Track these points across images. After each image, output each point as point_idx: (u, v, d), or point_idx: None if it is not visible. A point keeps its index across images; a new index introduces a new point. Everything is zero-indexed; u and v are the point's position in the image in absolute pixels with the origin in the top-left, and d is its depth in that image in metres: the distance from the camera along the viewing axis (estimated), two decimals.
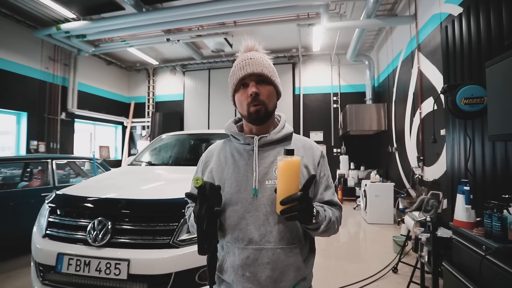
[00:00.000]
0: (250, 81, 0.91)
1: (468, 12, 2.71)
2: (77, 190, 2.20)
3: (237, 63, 0.93)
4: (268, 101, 0.92)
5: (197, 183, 0.76)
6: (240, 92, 0.93)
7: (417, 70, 4.54)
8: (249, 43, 0.98)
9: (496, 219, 1.43)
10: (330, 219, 0.87)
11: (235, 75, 0.92)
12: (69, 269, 1.69)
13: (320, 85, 8.51)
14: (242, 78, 0.91)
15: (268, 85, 0.93)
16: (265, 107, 0.91)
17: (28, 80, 6.61)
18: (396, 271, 3.10)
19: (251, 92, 0.89)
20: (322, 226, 0.84)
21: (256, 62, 0.91)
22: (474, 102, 2.10)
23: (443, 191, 3.40)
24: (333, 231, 0.91)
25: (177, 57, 9.01)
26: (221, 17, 5.62)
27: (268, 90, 0.92)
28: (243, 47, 0.98)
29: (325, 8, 5.17)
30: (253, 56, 0.93)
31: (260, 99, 0.90)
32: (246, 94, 0.91)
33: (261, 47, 1.00)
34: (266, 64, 0.93)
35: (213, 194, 0.82)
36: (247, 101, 0.90)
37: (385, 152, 6.66)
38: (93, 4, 5.77)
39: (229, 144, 1.02)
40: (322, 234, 0.89)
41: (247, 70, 0.90)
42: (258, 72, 0.90)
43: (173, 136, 3.61)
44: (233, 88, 0.94)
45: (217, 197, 0.86)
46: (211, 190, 0.81)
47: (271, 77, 0.93)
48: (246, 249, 0.86)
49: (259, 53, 0.96)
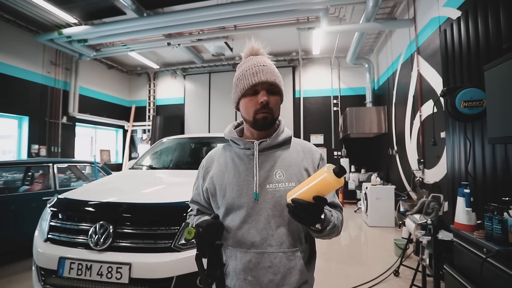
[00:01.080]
0: (261, 89, 0.90)
1: (466, 15, 2.73)
2: (78, 194, 2.21)
3: (249, 68, 0.91)
4: (275, 110, 0.93)
5: (190, 235, 0.75)
6: (248, 97, 0.92)
7: (416, 73, 4.56)
8: (254, 45, 0.98)
9: (496, 222, 1.43)
10: (334, 224, 0.87)
11: (246, 79, 0.91)
12: (71, 273, 1.69)
13: (320, 88, 8.54)
14: (254, 85, 0.90)
15: (276, 95, 0.94)
16: (272, 115, 0.92)
17: (29, 85, 6.65)
18: (397, 274, 3.09)
19: (263, 100, 0.88)
20: (326, 229, 0.84)
21: (269, 70, 0.91)
22: (474, 105, 2.11)
23: (444, 193, 3.40)
24: (335, 234, 0.91)
25: (177, 61, 9.06)
26: (221, 21, 5.65)
27: (276, 99, 0.94)
28: (247, 49, 0.97)
29: (324, 12, 5.20)
30: (266, 63, 0.93)
31: (270, 107, 0.90)
32: (255, 101, 0.90)
33: (267, 51, 1.00)
34: (277, 73, 0.94)
35: (210, 233, 0.81)
36: (255, 108, 0.90)
37: (385, 155, 6.66)
38: (95, 9, 5.83)
39: (229, 149, 1.02)
40: (324, 237, 0.88)
41: (260, 77, 0.89)
42: (271, 81, 0.90)
43: (174, 140, 3.62)
44: (241, 92, 0.92)
45: (216, 231, 0.86)
46: (206, 230, 0.80)
47: (281, 87, 0.94)
48: (248, 253, 0.87)
49: (268, 60, 0.96)
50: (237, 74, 0.95)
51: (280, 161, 0.94)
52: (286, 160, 0.95)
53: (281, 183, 0.90)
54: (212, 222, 0.84)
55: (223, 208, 0.93)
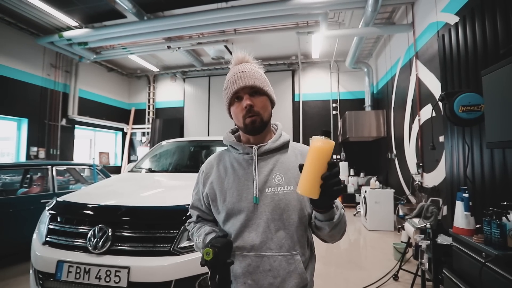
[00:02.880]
0: (243, 94, 0.92)
1: (464, 21, 2.76)
2: (77, 197, 2.20)
3: (229, 77, 0.95)
4: (263, 112, 0.94)
5: (208, 256, 0.76)
6: (235, 105, 0.95)
7: (415, 78, 4.59)
8: (239, 55, 1.00)
9: (495, 226, 1.44)
10: (341, 212, 0.87)
11: (228, 89, 0.94)
12: (69, 276, 1.69)
13: (320, 92, 8.57)
14: (236, 92, 0.92)
15: (261, 96, 0.94)
16: (260, 118, 0.93)
17: (29, 87, 6.66)
18: (397, 279, 3.08)
19: (246, 104, 0.90)
20: (336, 216, 0.84)
21: (247, 75, 0.93)
22: (472, 110, 2.13)
23: (442, 197, 3.40)
24: (342, 230, 0.90)
25: (177, 64, 9.09)
26: (221, 25, 5.69)
27: (261, 101, 0.94)
28: (234, 60, 1.00)
29: (324, 16, 5.24)
30: (244, 69, 0.95)
31: (255, 110, 0.91)
32: (241, 107, 0.92)
33: (252, 58, 1.02)
34: (257, 76, 0.95)
35: (225, 252, 0.82)
36: (242, 113, 0.92)
37: (384, 159, 6.67)
38: (95, 13, 5.86)
39: (227, 155, 1.03)
40: (332, 231, 0.87)
41: (239, 84, 0.91)
42: (250, 84, 0.92)
43: (173, 143, 3.62)
44: (227, 102, 0.96)
45: (229, 249, 0.85)
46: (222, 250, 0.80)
47: (264, 88, 0.94)
48: (248, 256, 0.88)
49: (250, 65, 0.98)
50: (224, 86, 0.98)
51: (279, 165, 0.95)
52: (285, 164, 0.96)
53: (280, 187, 0.91)
54: (226, 241, 0.84)
55: (223, 213, 0.94)
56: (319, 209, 0.82)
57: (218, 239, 0.85)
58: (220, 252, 0.79)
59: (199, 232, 0.99)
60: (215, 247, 0.79)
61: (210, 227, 0.98)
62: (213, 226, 1.01)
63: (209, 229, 0.96)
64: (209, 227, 0.98)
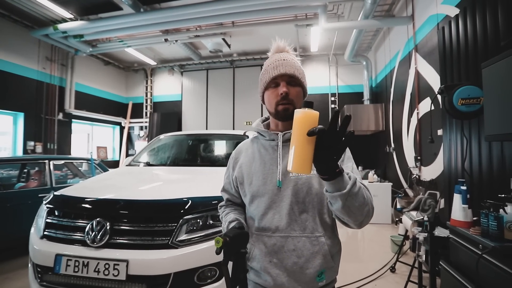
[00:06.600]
0: (281, 81, 0.96)
1: (464, 13, 2.73)
2: (75, 191, 2.19)
3: (270, 63, 0.99)
4: (297, 101, 0.97)
5: (218, 244, 0.79)
6: (270, 90, 0.99)
7: (414, 71, 4.57)
8: (280, 44, 1.05)
9: (492, 219, 1.44)
10: (355, 183, 0.75)
11: (267, 73, 0.98)
12: (67, 270, 1.69)
13: (318, 85, 8.52)
14: (274, 78, 0.96)
15: (297, 86, 0.99)
16: (293, 106, 0.95)
17: (25, 81, 6.57)
18: (394, 271, 3.11)
19: (282, 91, 0.94)
20: (347, 185, 0.73)
21: (288, 64, 0.97)
22: (471, 103, 2.12)
23: (440, 190, 3.42)
24: (362, 206, 0.78)
25: (175, 57, 8.99)
26: (219, 18, 5.61)
27: (297, 91, 0.98)
28: (274, 47, 1.05)
29: (323, 8, 5.18)
30: (286, 58, 0.99)
31: (290, 98, 0.95)
32: (277, 92, 0.96)
33: (291, 48, 1.06)
34: (297, 66, 0.99)
35: (237, 242, 0.85)
36: (276, 99, 0.96)
37: (382, 152, 6.69)
38: (91, 4, 5.75)
39: (256, 142, 1.09)
40: (347, 204, 0.75)
41: (280, 70, 0.96)
42: (290, 73, 0.96)
43: (171, 137, 3.60)
44: (264, 85, 1.00)
45: (242, 240, 0.88)
46: (233, 240, 0.83)
47: (301, 79, 0.99)
48: (273, 237, 0.92)
49: (290, 55, 1.03)
50: (262, 70, 1.03)
51: None
52: None
53: None
54: (238, 232, 0.87)
55: (249, 195, 1.00)
56: (322, 175, 0.73)
57: (232, 230, 0.89)
58: (231, 241, 0.82)
59: (225, 218, 1.04)
60: (227, 237, 0.83)
61: (235, 215, 1.02)
62: (239, 212, 1.06)
63: (233, 217, 1.00)
64: (234, 214, 1.02)
